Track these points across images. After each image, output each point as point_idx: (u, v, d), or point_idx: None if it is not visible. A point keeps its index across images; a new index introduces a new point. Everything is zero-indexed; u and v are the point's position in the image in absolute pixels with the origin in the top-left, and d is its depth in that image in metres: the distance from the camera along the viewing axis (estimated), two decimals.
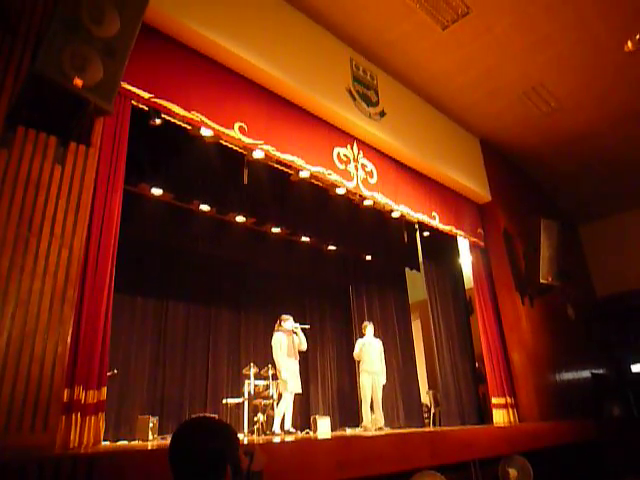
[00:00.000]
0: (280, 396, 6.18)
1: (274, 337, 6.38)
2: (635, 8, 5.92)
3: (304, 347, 6.62)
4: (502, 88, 7.22)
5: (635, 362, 10.61)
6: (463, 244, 7.99)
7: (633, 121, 8.00)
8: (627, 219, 10.64)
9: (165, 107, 4.35)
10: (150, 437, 5.11)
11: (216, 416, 6.28)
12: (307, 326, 6.79)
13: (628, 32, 6.16)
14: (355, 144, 6.23)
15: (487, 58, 6.64)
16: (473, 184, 7.76)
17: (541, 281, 7.47)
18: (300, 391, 6.39)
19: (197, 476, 1.43)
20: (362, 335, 7.33)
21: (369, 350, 7.05)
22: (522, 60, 6.69)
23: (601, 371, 9.29)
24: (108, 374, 3.83)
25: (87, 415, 3.14)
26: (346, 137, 6.15)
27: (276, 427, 5.89)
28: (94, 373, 3.26)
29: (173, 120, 4.69)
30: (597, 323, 10.04)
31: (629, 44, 6.22)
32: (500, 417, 6.86)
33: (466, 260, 8.07)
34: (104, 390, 3.34)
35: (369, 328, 7.24)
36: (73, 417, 3.04)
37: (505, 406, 6.93)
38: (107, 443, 4.78)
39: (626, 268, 10.29)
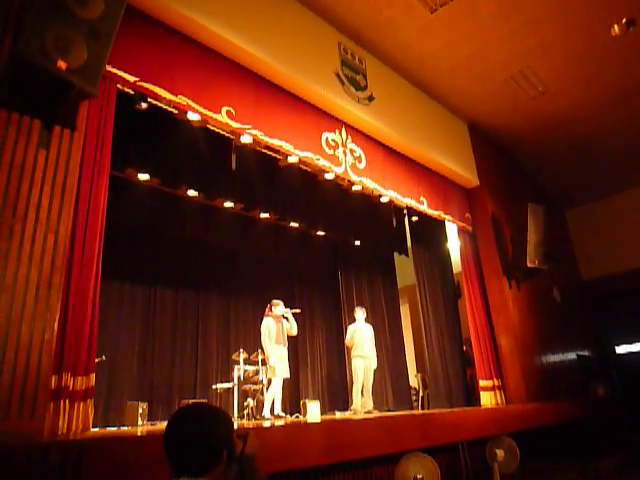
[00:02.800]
0: (269, 382, 6.20)
1: (263, 323, 6.38)
2: None
3: (294, 332, 6.64)
4: (489, 71, 7.22)
5: (619, 344, 10.83)
6: (451, 229, 8.02)
7: (620, 105, 8.05)
8: (613, 203, 10.78)
9: (151, 91, 4.29)
10: (139, 423, 5.10)
11: (206, 401, 6.31)
12: (298, 310, 6.80)
13: (615, 16, 6.15)
14: (344, 129, 6.20)
15: (475, 41, 6.63)
16: (461, 169, 7.78)
17: (528, 265, 7.56)
18: (288, 376, 6.41)
19: (194, 463, 1.45)
20: (353, 321, 7.36)
21: (360, 336, 7.09)
22: (509, 43, 6.68)
23: (586, 353, 9.47)
24: (96, 360, 3.81)
25: (75, 402, 3.12)
26: (334, 122, 6.12)
27: (266, 412, 5.93)
28: (82, 360, 3.24)
29: (159, 104, 4.62)
30: (583, 306, 10.20)
31: (616, 28, 6.21)
32: (487, 399, 6.97)
33: (454, 245, 8.12)
34: (92, 376, 3.33)
35: (360, 314, 7.27)
36: (61, 404, 3.03)
37: (492, 388, 7.03)
38: (96, 429, 4.77)
39: (611, 252, 10.45)
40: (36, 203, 3.02)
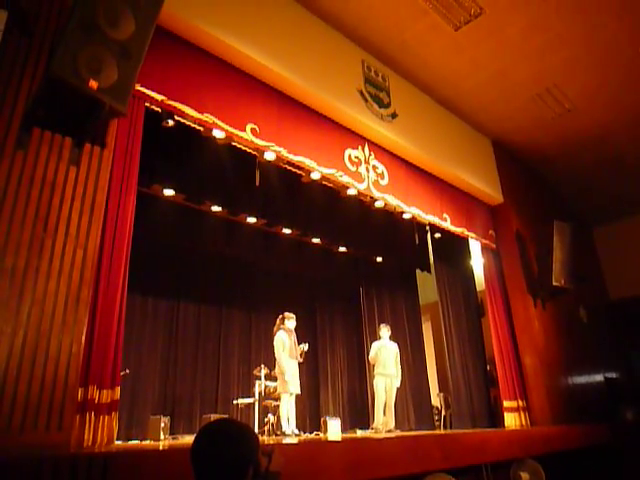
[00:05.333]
0: (279, 397, 6.10)
1: (277, 336, 6.28)
2: None
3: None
4: (515, 89, 7.18)
5: None
6: (475, 246, 7.94)
7: None
8: None
9: (178, 109, 4.38)
10: (162, 437, 5.12)
11: (229, 417, 6.30)
12: (305, 349, 6.55)
13: None
14: (366, 146, 6.22)
15: (500, 59, 6.61)
16: (485, 186, 7.72)
17: (554, 284, 7.41)
18: (299, 392, 6.28)
19: (221, 479, 1.46)
20: (375, 338, 7.30)
21: (384, 353, 7.03)
22: (535, 61, 6.65)
23: (614, 375, 9.19)
24: (121, 374, 3.85)
25: (101, 414, 3.16)
26: (357, 139, 6.15)
27: (285, 428, 5.87)
28: (108, 373, 3.28)
29: (185, 122, 4.71)
30: (611, 326, 9.93)
31: None
32: (512, 420, 6.81)
33: (477, 262, 8.02)
34: (117, 390, 3.37)
35: (384, 331, 7.21)
36: (87, 416, 3.07)
37: (517, 409, 6.87)
38: (119, 442, 4.81)
39: None
40: (66, 218, 3.09)
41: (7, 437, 2.50)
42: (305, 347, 6.47)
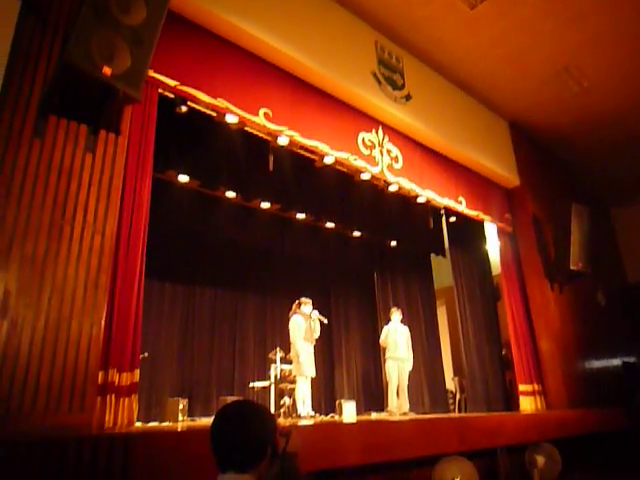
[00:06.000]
0: (294, 380, 6.16)
1: (292, 320, 6.31)
2: None
3: (316, 335, 6.50)
4: (532, 68, 7.03)
5: None
6: (490, 229, 7.87)
7: None
8: None
9: (191, 94, 4.38)
10: (180, 418, 5.22)
11: (246, 398, 6.37)
12: (325, 321, 6.64)
13: None
14: (380, 129, 6.17)
15: (517, 37, 6.47)
16: (501, 168, 7.62)
17: (571, 267, 7.33)
18: (314, 375, 6.30)
19: (239, 459, 1.49)
20: (388, 321, 7.32)
21: (395, 337, 7.04)
22: (554, 39, 6.50)
23: (632, 359, 9.11)
24: (140, 357, 3.92)
25: (121, 397, 3.24)
26: (371, 122, 6.10)
27: (301, 411, 5.94)
28: (127, 356, 3.35)
29: (199, 107, 4.71)
30: (629, 310, 9.81)
31: None
32: (527, 404, 6.80)
33: (493, 245, 7.96)
34: (137, 373, 3.43)
35: (395, 314, 7.22)
36: (108, 399, 3.14)
37: (532, 393, 6.87)
38: (139, 424, 4.91)
39: None
40: (84, 205, 3.14)
41: (32, 419, 2.58)
42: (324, 320, 6.52)
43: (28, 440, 2.29)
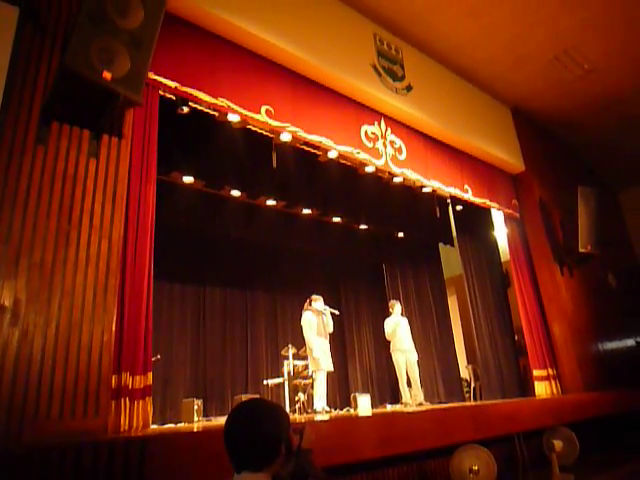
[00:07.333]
0: (307, 376, 6.19)
1: (303, 316, 6.35)
2: None
3: (330, 329, 6.56)
4: (532, 53, 6.96)
5: None
6: (498, 216, 7.83)
7: None
8: None
9: (192, 95, 4.37)
10: (195, 419, 5.25)
11: (260, 396, 6.40)
12: (336, 312, 6.68)
13: None
14: (383, 121, 6.14)
15: (515, 23, 6.40)
16: (506, 154, 7.57)
17: (580, 250, 7.28)
18: (332, 369, 6.32)
19: (254, 458, 1.48)
20: (389, 314, 7.30)
21: (401, 329, 7.05)
22: (552, 23, 6.42)
23: None
24: (152, 359, 3.93)
25: (135, 400, 3.24)
26: (373, 114, 6.07)
27: (318, 406, 5.95)
28: (139, 359, 3.35)
29: (200, 107, 4.71)
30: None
31: None
32: (542, 389, 6.78)
33: (501, 232, 7.92)
34: (150, 375, 3.44)
35: (397, 307, 7.23)
36: (122, 402, 3.15)
37: (547, 378, 6.84)
38: (155, 426, 4.94)
39: None
40: (89, 210, 3.15)
41: (47, 424, 2.60)
42: (336, 311, 6.58)
43: (44, 446, 2.31)
